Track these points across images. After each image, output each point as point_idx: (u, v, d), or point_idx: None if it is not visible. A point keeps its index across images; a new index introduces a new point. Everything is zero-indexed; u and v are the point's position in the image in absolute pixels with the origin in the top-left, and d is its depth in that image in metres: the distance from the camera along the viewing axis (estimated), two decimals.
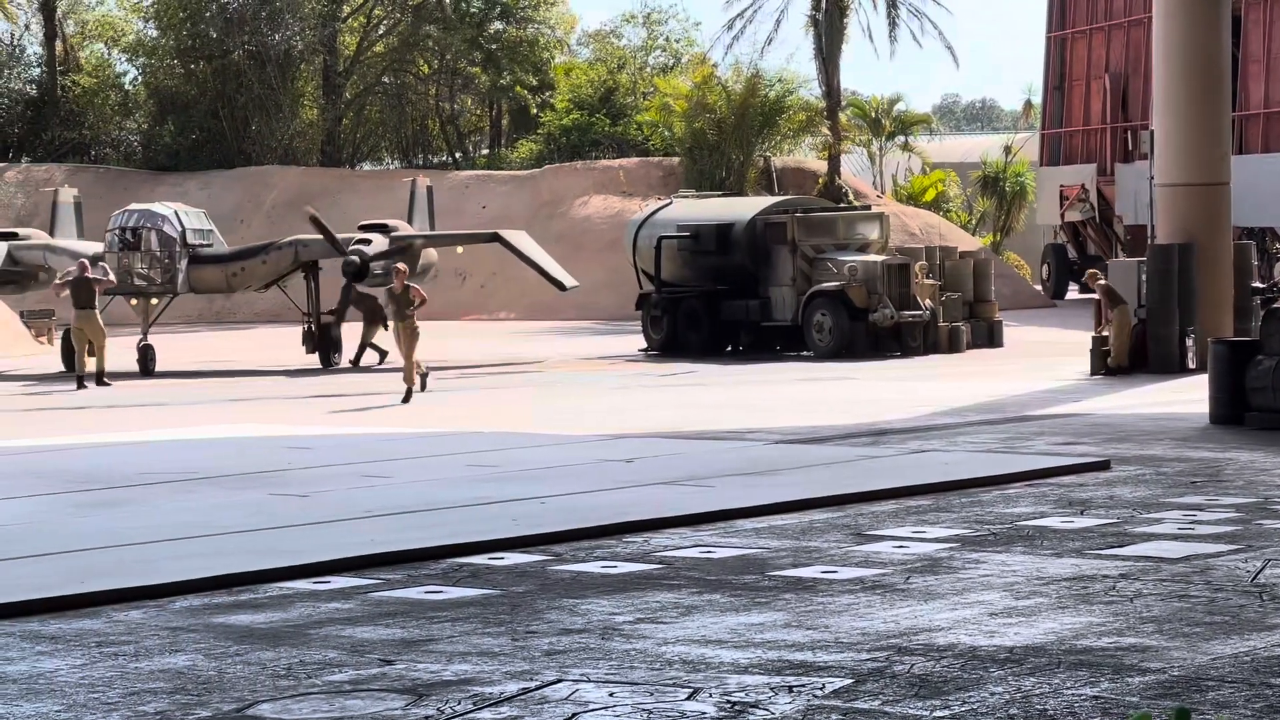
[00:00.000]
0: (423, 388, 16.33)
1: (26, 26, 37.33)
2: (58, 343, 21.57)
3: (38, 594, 6.13)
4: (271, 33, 34.06)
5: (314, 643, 5.43)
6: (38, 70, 38.16)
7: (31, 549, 7.32)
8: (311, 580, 6.90)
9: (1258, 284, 21.07)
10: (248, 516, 8.41)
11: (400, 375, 16.20)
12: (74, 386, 17.75)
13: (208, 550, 7.20)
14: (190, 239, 20.25)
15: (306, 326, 20.45)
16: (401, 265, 17.41)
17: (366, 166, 39.32)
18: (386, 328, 18.91)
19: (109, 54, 39.85)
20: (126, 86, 38.69)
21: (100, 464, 11.26)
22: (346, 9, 37.43)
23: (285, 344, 22.53)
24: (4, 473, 10.66)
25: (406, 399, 15.73)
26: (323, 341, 20.24)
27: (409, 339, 15.92)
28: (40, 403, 18.23)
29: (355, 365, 20.19)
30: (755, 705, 4.15)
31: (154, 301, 20.07)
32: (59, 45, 37.25)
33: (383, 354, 20.21)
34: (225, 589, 6.57)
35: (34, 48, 38.55)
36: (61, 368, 20.00)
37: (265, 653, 5.13)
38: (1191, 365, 16.68)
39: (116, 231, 19.99)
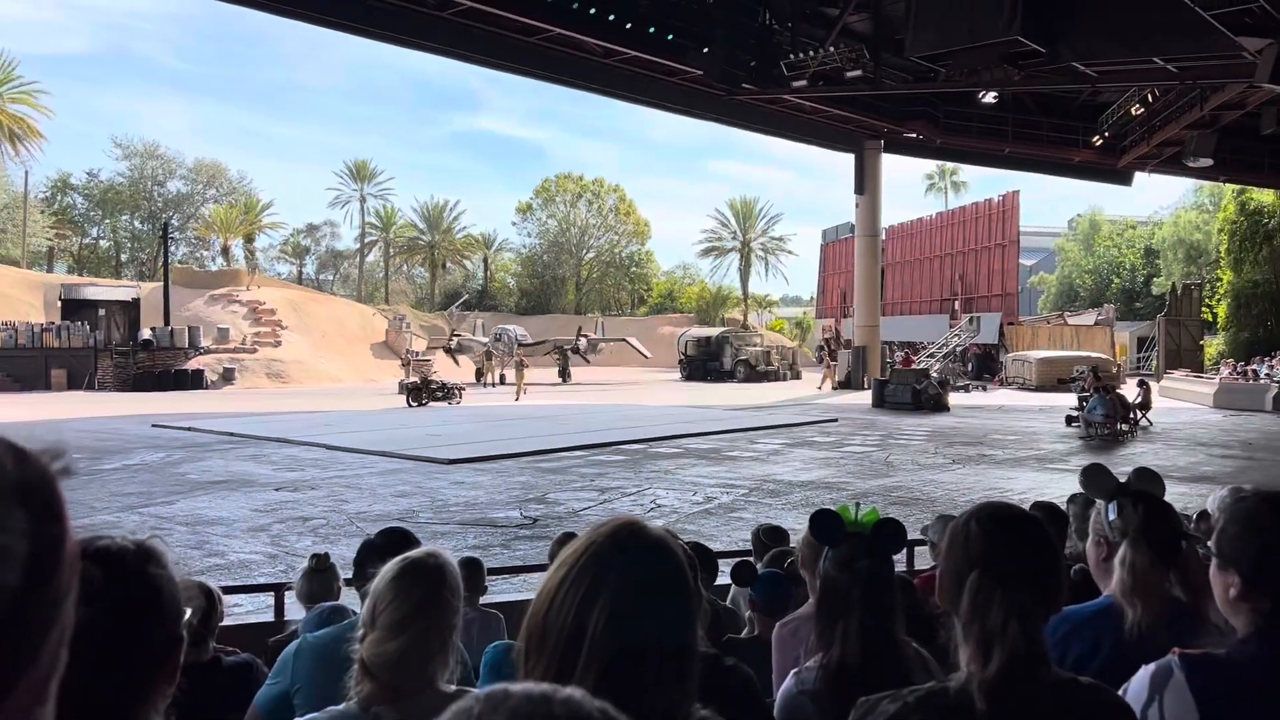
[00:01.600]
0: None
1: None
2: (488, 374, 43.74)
3: (478, 454, 17.49)
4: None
5: (570, 473, 14.56)
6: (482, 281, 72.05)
7: (465, 444, 31.18)
8: (569, 451, 18.20)
9: (889, 360, 48.72)
10: (550, 428, 29.17)
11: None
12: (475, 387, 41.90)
13: (536, 440, 21.97)
14: (519, 339, 45.45)
15: (560, 365, 45.11)
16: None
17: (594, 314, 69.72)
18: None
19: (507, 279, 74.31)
20: (510, 282, 71.38)
21: (495, 410, 35.22)
22: None
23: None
24: (487, 415, 34.60)
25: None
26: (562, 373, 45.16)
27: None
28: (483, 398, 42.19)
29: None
30: (714, 498, 12.73)
31: (504, 359, 42.84)
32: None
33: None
34: (538, 455, 17.58)
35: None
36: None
37: (552, 476, 14.37)
38: (866, 386, 35.48)
39: (496, 332, 45.47)
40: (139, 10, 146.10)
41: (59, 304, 41.86)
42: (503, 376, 40.44)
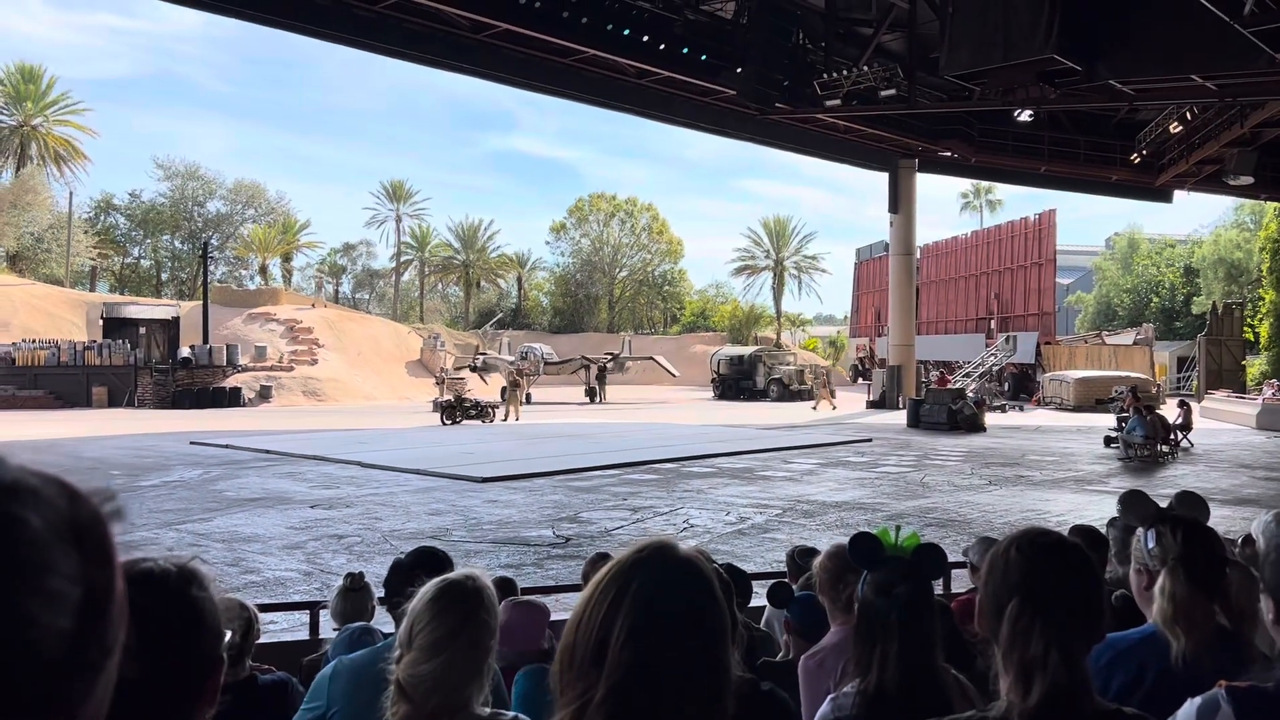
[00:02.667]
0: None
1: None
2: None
3: (511, 472, 17.47)
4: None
5: (602, 492, 14.82)
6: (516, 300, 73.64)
7: (498, 462, 30.91)
8: (601, 470, 18.02)
9: (924, 380, 47.88)
10: (583, 447, 23.20)
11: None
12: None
13: (568, 459, 23.17)
14: (545, 357, 46.06)
15: (587, 385, 44.92)
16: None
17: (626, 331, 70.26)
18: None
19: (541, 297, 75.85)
20: (543, 301, 72.24)
21: (530, 428, 34.69)
22: None
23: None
24: (516, 432, 35.06)
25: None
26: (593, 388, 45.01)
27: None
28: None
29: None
30: (747, 519, 12.56)
31: (530, 378, 42.62)
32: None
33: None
34: (570, 474, 17.43)
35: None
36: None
37: (585, 495, 14.43)
38: (901, 405, 35.13)
39: (522, 350, 45.87)
40: (181, 34, 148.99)
41: (101, 322, 42.57)
42: (528, 395, 40.42)
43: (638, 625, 1.18)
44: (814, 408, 38.62)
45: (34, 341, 39.67)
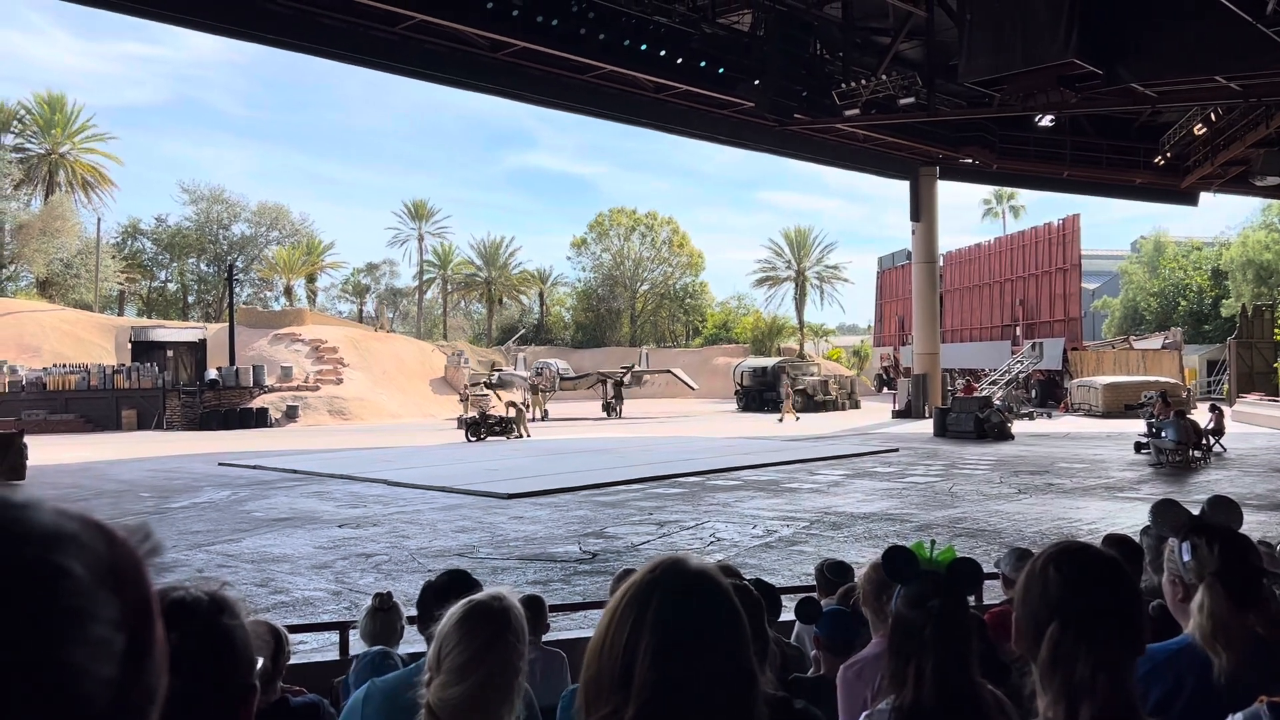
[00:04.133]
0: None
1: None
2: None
3: (539, 488, 17.51)
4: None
5: (627, 507, 14.86)
6: (538, 315, 74.47)
7: (523, 478, 31.68)
8: (626, 484, 17.90)
9: (950, 389, 47.96)
10: (607, 462, 23.69)
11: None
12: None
13: (593, 474, 21.84)
14: (561, 372, 46.16)
15: (604, 400, 44.98)
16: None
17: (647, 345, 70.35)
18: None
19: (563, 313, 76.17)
20: (565, 316, 73.36)
21: (552, 443, 34.69)
22: None
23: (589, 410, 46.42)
24: (534, 449, 34.87)
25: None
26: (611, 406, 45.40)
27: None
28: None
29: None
30: (774, 531, 12.45)
31: (546, 394, 42.93)
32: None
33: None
34: (595, 489, 17.39)
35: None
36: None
37: (610, 510, 14.38)
38: (927, 415, 34.65)
39: (537, 366, 45.87)
40: (203, 60, 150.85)
41: (129, 346, 43.05)
42: (545, 412, 40.39)
43: (662, 644, 1.18)
44: (779, 420, 38.00)
45: (64, 366, 40.14)
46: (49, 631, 0.53)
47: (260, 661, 1.24)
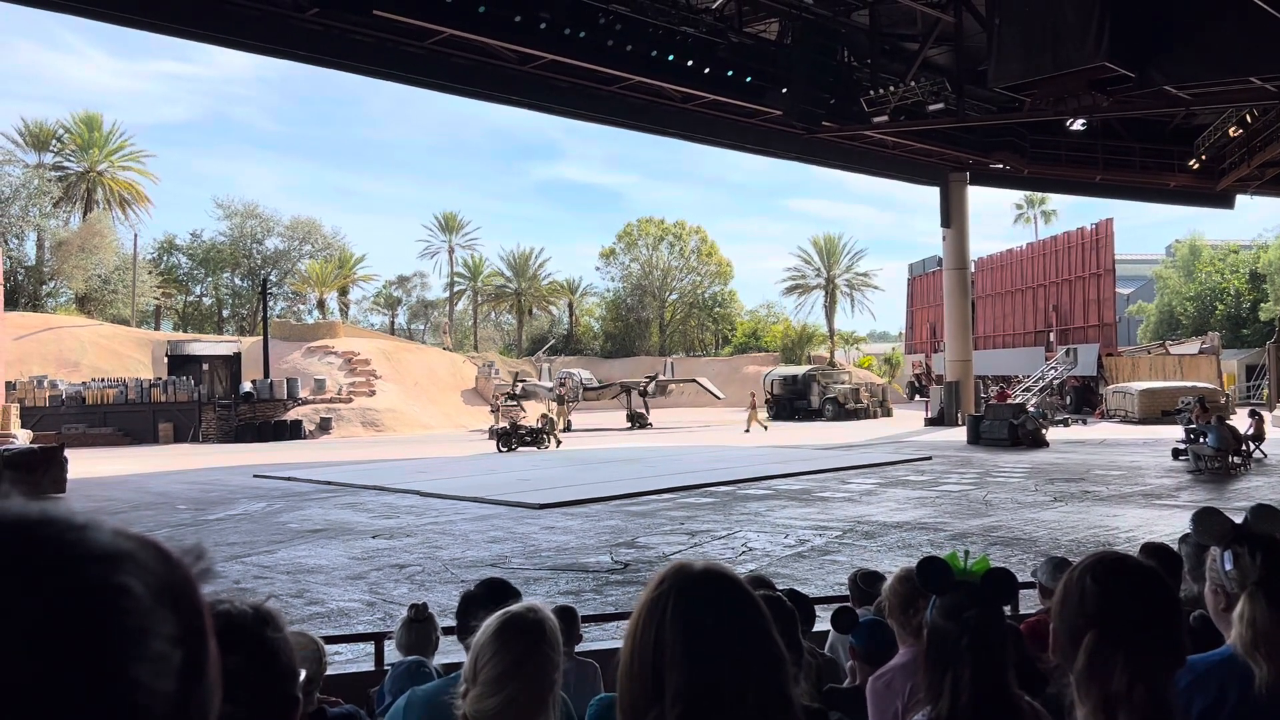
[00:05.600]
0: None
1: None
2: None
3: (570, 498, 17.35)
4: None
5: (659, 516, 14.82)
6: (568, 326, 75.43)
7: (554, 488, 31.04)
8: (657, 494, 17.74)
9: (984, 396, 47.57)
10: (637, 471, 23.17)
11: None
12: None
13: (623, 484, 21.20)
14: (584, 382, 46.37)
15: (632, 411, 44.55)
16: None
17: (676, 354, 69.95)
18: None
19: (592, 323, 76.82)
20: (595, 326, 73.95)
21: (583, 454, 34.08)
22: None
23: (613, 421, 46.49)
24: (543, 460, 35.06)
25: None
26: (641, 417, 45.47)
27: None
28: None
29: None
30: (806, 541, 12.37)
31: (569, 404, 43.20)
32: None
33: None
34: (625, 498, 17.29)
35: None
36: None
37: (641, 520, 14.30)
38: (960, 422, 34.92)
39: (561, 376, 45.89)
40: (234, 77, 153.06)
41: (166, 360, 43.60)
42: (569, 423, 40.33)
43: (686, 646, 1.20)
44: (746, 430, 37.62)
45: (103, 380, 40.73)
46: (112, 649, 0.55)
47: (303, 674, 1.26)
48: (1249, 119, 28.10)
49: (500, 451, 29.40)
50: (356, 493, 19.19)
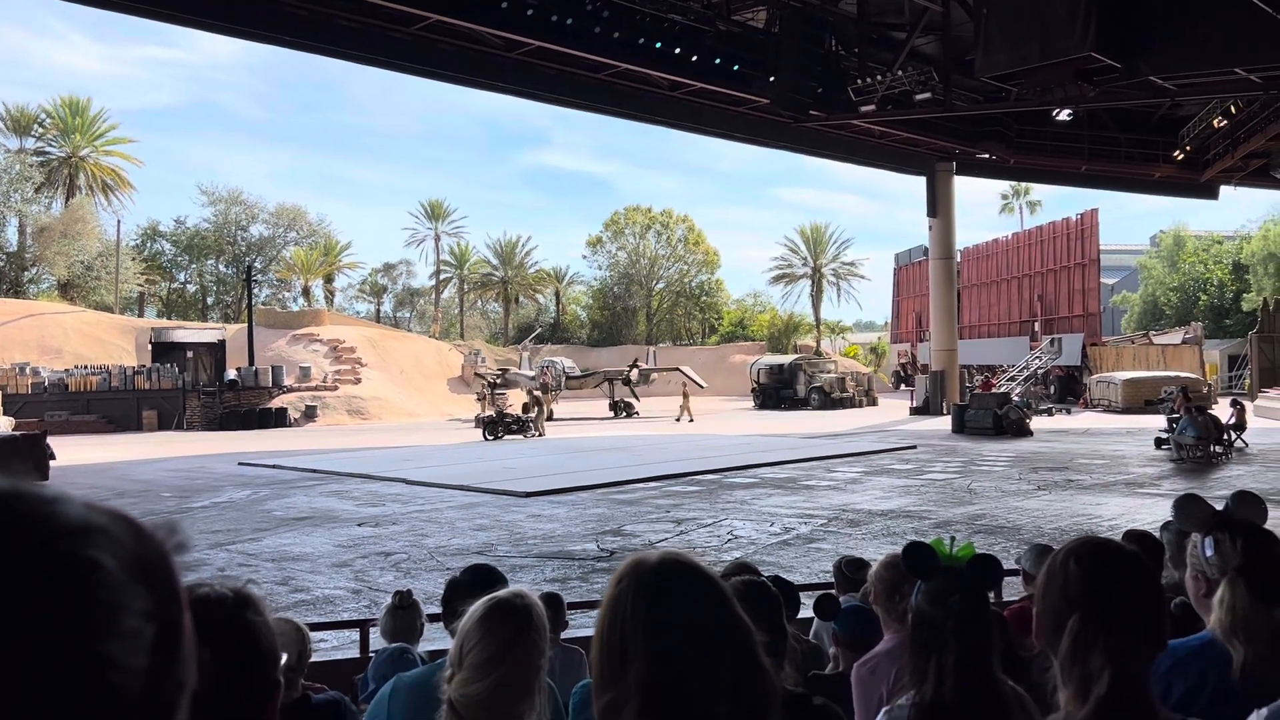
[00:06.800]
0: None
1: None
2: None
3: (556, 486, 17.37)
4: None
5: (645, 505, 14.97)
6: (555, 314, 75.46)
7: (540, 476, 29.22)
8: (643, 483, 17.94)
9: (968, 385, 47.70)
10: (623, 460, 23.26)
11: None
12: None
13: (609, 472, 20.47)
14: (567, 371, 46.12)
15: (615, 400, 43.89)
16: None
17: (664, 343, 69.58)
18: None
19: (579, 311, 76.40)
20: (581, 315, 73.76)
21: (569, 442, 34.20)
22: None
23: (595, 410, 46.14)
24: (546, 447, 34.97)
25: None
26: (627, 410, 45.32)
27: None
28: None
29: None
30: (792, 529, 12.65)
31: (551, 394, 42.57)
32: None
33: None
34: (612, 487, 17.34)
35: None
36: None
37: (627, 508, 14.54)
38: (945, 411, 34.99)
39: (542, 364, 45.80)
40: (219, 63, 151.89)
41: (149, 347, 43.34)
42: (551, 411, 40.18)
43: (648, 643, 1.21)
44: (677, 419, 37.54)
45: (86, 367, 40.45)
46: (84, 624, 0.54)
47: (284, 657, 1.25)
48: (1233, 110, 28.23)
49: (487, 440, 29.36)
50: (342, 481, 19.14)
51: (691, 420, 37.26)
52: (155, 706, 0.58)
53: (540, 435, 30.76)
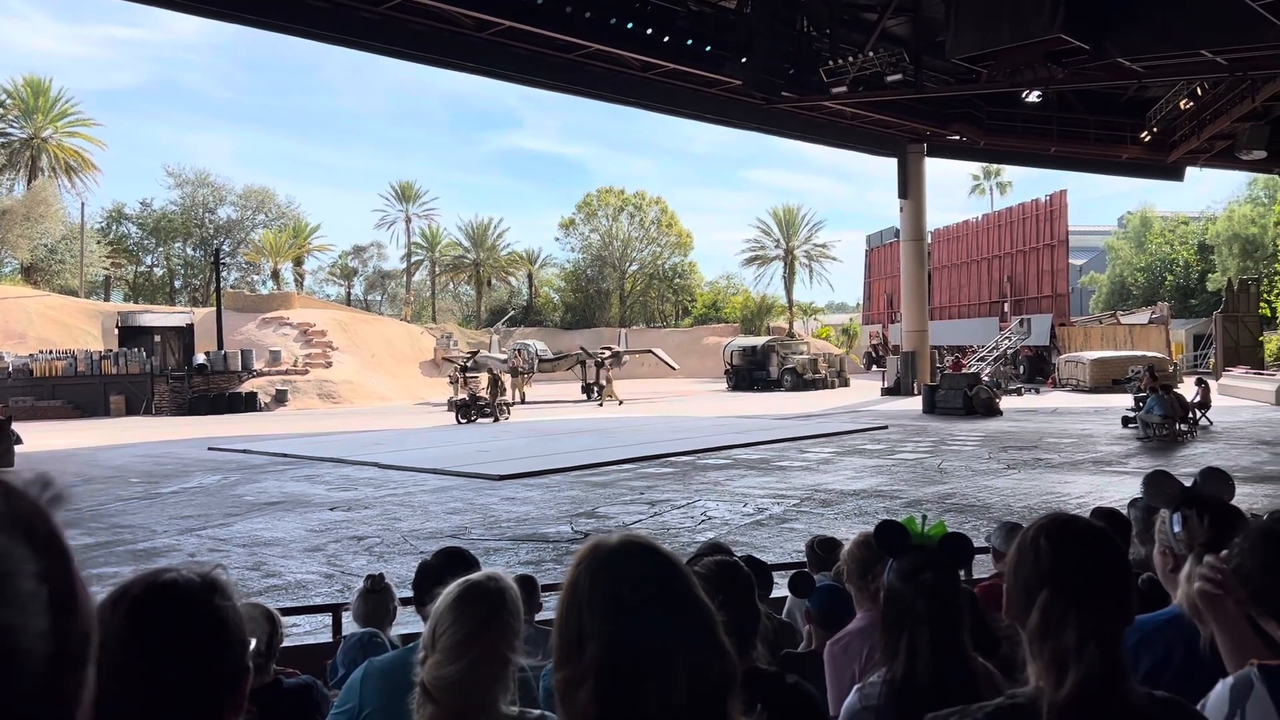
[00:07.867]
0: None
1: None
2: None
3: (530, 469, 17.34)
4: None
5: (618, 487, 14.91)
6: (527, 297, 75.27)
7: (514, 459, 28.63)
8: (617, 465, 17.81)
9: (939, 365, 48.00)
10: (597, 442, 22.81)
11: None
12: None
13: (583, 454, 20.10)
14: (539, 353, 45.85)
15: (586, 384, 43.26)
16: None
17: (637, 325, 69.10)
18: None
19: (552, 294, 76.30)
20: (554, 297, 73.97)
21: (542, 424, 33.31)
22: None
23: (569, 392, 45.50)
24: (537, 429, 34.86)
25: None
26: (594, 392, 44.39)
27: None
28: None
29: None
30: (765, 509, 12.70)
31: (524, 376, 42.13)
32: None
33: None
34: (586, 469, 17.35)
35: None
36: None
37: (601, 490, 14.54)
38: (916, 392, 35.70)
39: (515, 347, 45.60)
40: (185, 43, 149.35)
41: (116, 331, 42.80)
42: (523, 395, 40.14)
43: (606, 626, 1.22)
44: (600, 404, 37.68)
45: (51, 352, 39.89)
46: None
47: (253, 643, 1.24)
48: (1199, 92, 28.50)
49: (460, 423, 29.27)
50: (313, 465, 19.03)
51: (620, 403, 37.12)
52: (66, 664, 0.57)
53: (506, 418, 30.60)
